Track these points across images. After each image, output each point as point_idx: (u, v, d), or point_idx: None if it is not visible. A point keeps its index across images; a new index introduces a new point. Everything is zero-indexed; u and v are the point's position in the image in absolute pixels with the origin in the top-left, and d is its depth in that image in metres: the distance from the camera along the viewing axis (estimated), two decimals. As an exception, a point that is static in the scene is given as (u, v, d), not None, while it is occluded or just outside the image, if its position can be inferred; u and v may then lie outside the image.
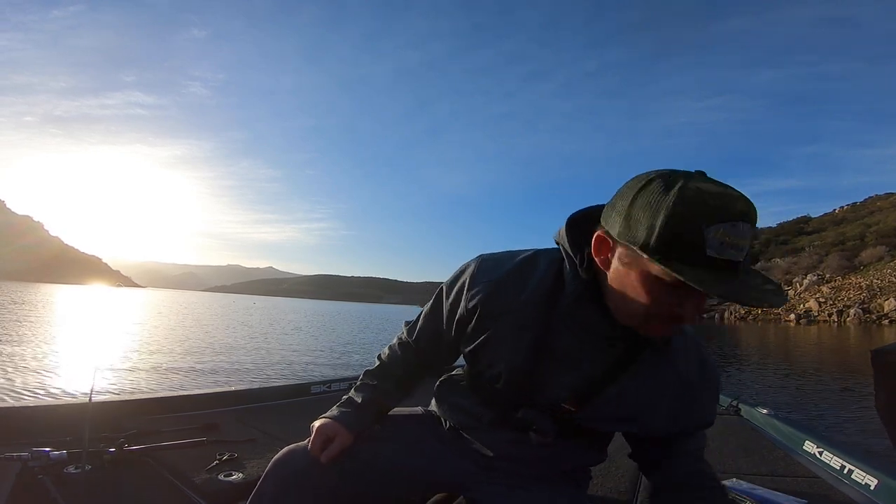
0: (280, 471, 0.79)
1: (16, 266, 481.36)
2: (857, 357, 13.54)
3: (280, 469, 0.79)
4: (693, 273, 0.56)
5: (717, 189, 0.58)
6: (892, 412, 0.86)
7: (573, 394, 0.76)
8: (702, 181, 0.59)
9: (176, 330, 14.30)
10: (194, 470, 1.23)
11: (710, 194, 0.57)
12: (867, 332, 32.56)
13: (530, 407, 0.79)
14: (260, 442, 1.48)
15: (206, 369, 7.41)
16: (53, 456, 1.13)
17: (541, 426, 0.79)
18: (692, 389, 0.78)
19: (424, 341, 0.90)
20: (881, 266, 50.99)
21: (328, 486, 0.78)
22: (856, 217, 71.44)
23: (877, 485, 1.33)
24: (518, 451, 0.83)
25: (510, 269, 0.78)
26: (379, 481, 0.83)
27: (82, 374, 6.22)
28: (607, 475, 1.42)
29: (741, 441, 1.83)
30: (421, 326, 0.90)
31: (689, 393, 0.78)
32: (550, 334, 0.75)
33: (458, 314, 0.81)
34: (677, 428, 0.80)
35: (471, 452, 0.87)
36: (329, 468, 0.78)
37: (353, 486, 0.80)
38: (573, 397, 0.76)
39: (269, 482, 0.79)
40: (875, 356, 0.87)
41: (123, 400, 1.69)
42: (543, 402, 0.78)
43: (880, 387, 0.87)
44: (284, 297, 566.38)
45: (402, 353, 0.93)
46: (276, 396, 2.06)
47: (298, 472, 0.78)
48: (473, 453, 0.87)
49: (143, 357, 8.23)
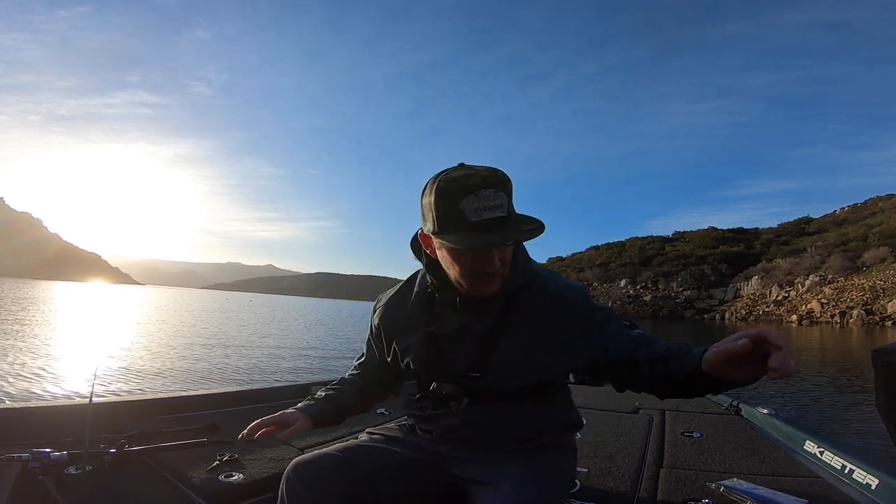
0: (295, 486, 0.83)
1: (15, 263, 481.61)
2: (858, 358, 13.51)
3: (295, 484, 0.83)
4: (462, 237, 0.80)
5: (460, 172, 0.81)
6: (892, 412, 0.86)
7: (471, 363, 0.93)
8: (452, 170, 0.83)
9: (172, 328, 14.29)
10: (195, 470, 1.23)
11: (453, 178, 0.80)
12: (870, 333, 32.46)
13: (442, 382, 0.94)
14: (260, 443, 1.47)
15: (206, 369, 7.42)
16: (54, 457, 1.13)
17: (451, 394, 0.93)
18: (573, 315, 0.91)
19: (368, 365, 1.13)
20: (884, 267, 50.83)
21: (344, 485, 0.85)
22: (857, 218, 71.28)
23: (878, 484, 1.32)
24: (458, 424, 0.96)
25: (397, 290, 1.06)
26: (380, 484, 0.90)
27: (82, 375, 6.22)
28: (607, 475, 1.42)
29: (741, 441, 1.82)
30: (365, 355, 1.14)
31: (569, 316, 0.91)
32: (435, 323, 0.95)
33: (376, 337, 1.08)
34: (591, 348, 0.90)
35: (433, 439, 0.99)
36: (341, 471, 0.86)
37: (361, 485, 0.87)
38: (472, 366, 0.92)
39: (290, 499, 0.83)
40: (875, 356, 0.87)
41: (124, 401, 1.69)
42: (454, 378, 0.94)
43: (880, 387, 0.87)
44: (284, 295, 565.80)
45: (357, 373, 1.14)
46: (276, 397, 2.06)
47: (314, 481, 0.84)
48: (433, 438, 0.99)
49: (143, 357, 8.23)
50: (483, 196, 0.78)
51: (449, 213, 0.80)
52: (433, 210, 0.82)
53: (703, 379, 0.75)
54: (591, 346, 0.90)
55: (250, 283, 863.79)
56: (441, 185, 0.81)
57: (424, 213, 0.85)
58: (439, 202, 0.80)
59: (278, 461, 1.34)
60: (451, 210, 0.79)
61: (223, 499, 1.14)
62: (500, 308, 0.92)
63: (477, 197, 0.78)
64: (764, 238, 77.65)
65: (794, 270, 59.31)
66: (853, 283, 51.77)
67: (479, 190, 0.78)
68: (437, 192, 0.81)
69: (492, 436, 0.96)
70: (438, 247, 0.87)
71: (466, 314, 0.92)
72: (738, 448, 1.73)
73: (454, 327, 0.94)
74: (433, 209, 0.81)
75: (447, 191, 0.80)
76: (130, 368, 7.05)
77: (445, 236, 0.81)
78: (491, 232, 0.79)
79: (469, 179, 0.79)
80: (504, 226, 0.80)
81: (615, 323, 0.92)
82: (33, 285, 68.76)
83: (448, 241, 0.80)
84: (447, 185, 0.80)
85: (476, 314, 0.92)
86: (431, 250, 0.90)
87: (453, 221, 0.80)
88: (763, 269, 62.88)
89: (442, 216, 0.81)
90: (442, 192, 0.80)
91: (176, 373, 7.01)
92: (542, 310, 0.92)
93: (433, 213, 0.82)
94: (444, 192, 0.80)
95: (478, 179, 0.79)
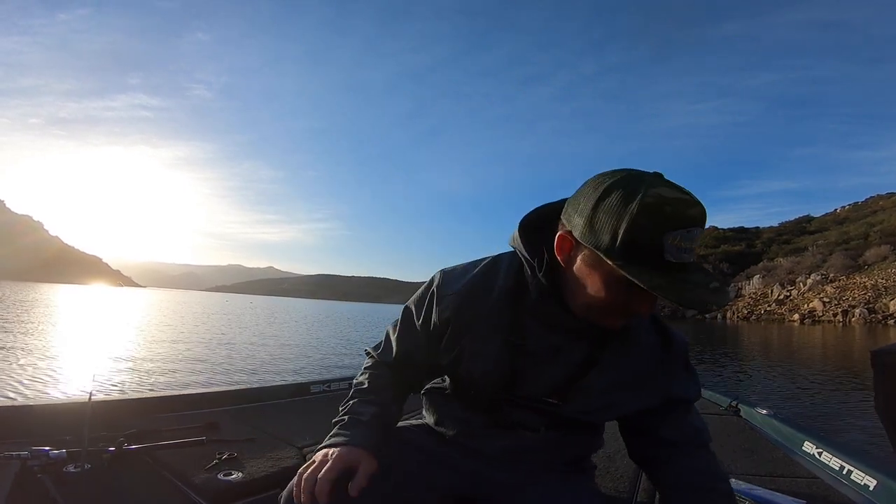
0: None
1: (15, 266, 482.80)
2: (859, 357, 13.50)
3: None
4: (650, 277, 0.61)
5: (675, 195, 0.62)
6: (891, 412, 0.86)
7: (553, 388, 0.80)
8: (661, 186, 0.62)
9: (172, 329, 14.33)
10: (194, 469, 1.23)
11: (668, 202, 0.61)
12: (872, 332, 32.42)
13: (513, 405, 0.82)
14: (259, 441, 1.48)
15: (206, 369, 7.43)
16: (53, 455, 1.13)
17: (528, 422, 0.83)
18: (661, 364, 0.83)
19: (400, 362, 0.90)
20: (886, 266, 50.73)
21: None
22: (858, 217, 71.13)
23: (876, 485, 1.32)
24: (515, 447, 0.86)
25: (474, 278, 0.82)
26: (396, 498, 0.82)
27: (81, 373, 6.23)
28: (607, 475, 1.42)
29: (741, 441, 1.82)
30: (396, 349, 0.90)
31: (659, 368, 0.83)
32: (520, 334, 0.78)
33: (430, 330, 0.83)
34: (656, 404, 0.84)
35: (473, 454, 0.88)
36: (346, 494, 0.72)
37: None
38: (553, 391, 0.80)
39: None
40: (875, 356, 0.87)
41: (123, 399, 1.69)
42: (525, 399, 0.81)
43: (880, 387, 0.87)
44: (285, 296, 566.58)
45: (385, 372, 0.91)
46: (275, 396, 2.06)
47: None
48: (476, 455, 0.88)
49: (142, 356, 8.24)
50: (692, 236, 0.62)
51: (647, 242, 0.61)
52: (623, 229, 0.61)
53: None
54: (658, 401, 0.84)
55: (251, 284, 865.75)
56: (650, 204, 0.60)
57: (597, 219, 0.64)
58: (640, 224, 0.60)
59: (278, 460, 1.34)
60: (651, 239, 0.61)
61: (222, 497, 1.14)
62: (597, 337, 0.77)
63: (687, 235, 0.61)
64: (765, 237, 77.57)
65: (796, 269, 59.22)
66: (855, 281, 51.68)
67: (693, 227, 0.61)
68: (641, 210, 0.60)
69: (541, 460, 0.89)
70: (591, 264, 0.67)
71: (562, 335, 0.77)
72: (736, 448, 1.73)
73: (544, 346, 0.78)
74: (624, 228, 0.61)
75: (658, 215, 0.60)
76: (129, 368, 7.06)
77: (631, 268, 0.61)
78: (684, 278, 0.63)
79: (687, 210, 0.61)
80: (700, 275, 0.65)
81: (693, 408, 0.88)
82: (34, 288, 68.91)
83: (633, 276, 0.61)
84: (659, 207, 0.60)
85: (573, 338, 0.77)
86: (567, 257, 0.70)
87: (646, 253, 0.61)
88: (764, 269, 62.79)
89: (632, 241, 0.61)
90: (650, 213, 0.60)
91: (174, 372, 7.02)
92: (639, 351, 0.81)
93: (620, 231, 0.61)
94: (652, 214, 0.60)
95: (696, 213, 0.62)
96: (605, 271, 0.66)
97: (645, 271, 0.61)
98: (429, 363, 0.88)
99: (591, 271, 0.68)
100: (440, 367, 0.88)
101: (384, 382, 0.90)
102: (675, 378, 0.85)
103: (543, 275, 0.73)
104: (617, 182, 0.64)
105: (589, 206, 0.65)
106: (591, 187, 0.66)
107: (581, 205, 0.67)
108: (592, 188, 0.66)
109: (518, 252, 0.78)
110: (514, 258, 0.81)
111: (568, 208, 0.70)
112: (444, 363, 0.85)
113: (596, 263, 0.66)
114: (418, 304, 0.86)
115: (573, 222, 0.68)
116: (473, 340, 0.80)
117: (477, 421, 0.85)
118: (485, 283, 0.81)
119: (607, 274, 0.65)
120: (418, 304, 0.86)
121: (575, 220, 0.67)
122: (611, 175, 0.66)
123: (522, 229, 0.77)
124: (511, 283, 0.79)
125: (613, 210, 0.62)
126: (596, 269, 0.67)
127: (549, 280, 0.73)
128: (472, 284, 0.81)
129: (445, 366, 0.86)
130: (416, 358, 0.88)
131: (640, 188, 0.62)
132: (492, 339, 0.79)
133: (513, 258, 0.81)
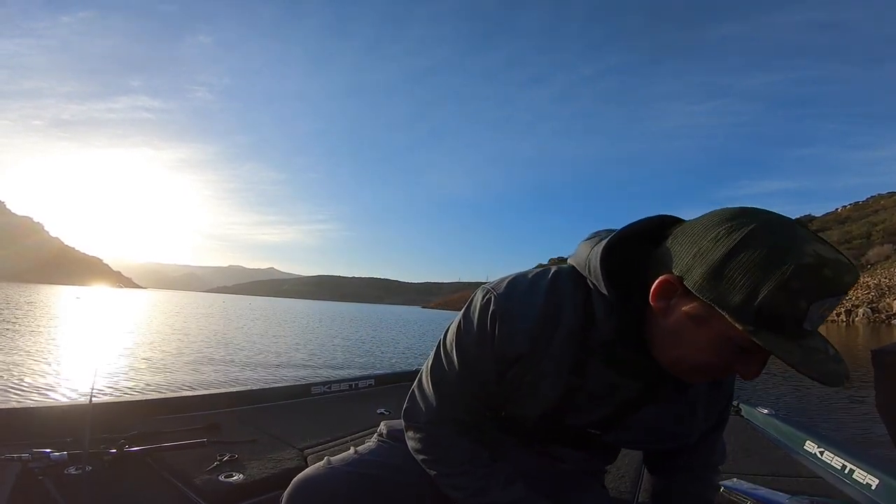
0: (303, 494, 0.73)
1: (15, 267, 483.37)
2: (859, 357, 13.47)
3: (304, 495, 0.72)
4: (789, 349, 0.51)
5: (833, 256, 0.50)
6: (892, 411, 0.86)
7: (601, 421, 0.75)
8: (816, 243, 0.51)
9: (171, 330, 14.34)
10: (195, 471, 1.23)
11: (827, 264, 0.49)
12: (876, 331, 32.33)
13: (557, 437, 0.79)
14: (260, 443, 1.48)
15: (207, 370, 7.43)
16: (54, 457, 1.13)
17: (569, 458, 0.82)
18: (712, 392, 0.79)
19: (470, 411, 0.76)
20: (889, 265, 50.65)
21: None
22: (859, 216, 71.04)
23: (878, 485, 1.32)
24: (545, 465, 0.84)
25: (543, 310, 0.69)
26: None
27: (83, 375, 6.24)
28: (608, 475, 1.41)
29: (741, 441, 1.82)
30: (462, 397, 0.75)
31: (710, 397, 0.80)
32: (581, 373, 0.69)
33: (501, 368, 0.71)
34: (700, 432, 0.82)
35: None
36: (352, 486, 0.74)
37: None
38: (600, 424, 0.75)
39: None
40: (875, 356, 0.87)
41: (124, 401, 1.69)
42: (571, 431, 0.77)
43: (881, 386, 0.87)
44: (286, 297, 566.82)
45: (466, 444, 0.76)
46: (276, 397, 2.06)
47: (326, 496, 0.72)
48: None
49: (143, 357, 8.25)
50: (838, 303, 0.52)
51: (791, 308, 0.50)
52: (768, 291, 0.50)
53: None
54: (703, 429, 0.81)
55: (252, 286, 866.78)
56: (809, 266, 0.49)
57: (728, 274, 0.52)
58: (791, 288, 0.49)
59: (279, 461, 1.34)
60: (797, 307, 0.50)
61: (224, 499, 1.14)
62: (656, 373, 0.68)
63: (835, 302, 0.52)
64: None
65: (797, 269, 59.18)
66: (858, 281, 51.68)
67: (841, 295, 0.51)
68: (797, 273, 0.49)
69: (567, 473, 0.86)
70: (700, 319, 0.56)
71: (624, 376, 0.70)
72: (738, 448, 1.73)
73: (603, 384, 0.71)
74: (769, 290, 0.50)
75: (814, 280, 0.49)
76: (130, 368, 7.06)
77: (765, 335, 0.51)
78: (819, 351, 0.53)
79: (845, 275, 0.50)
80: (820, 340, 0.54)
81: (721, 429, 0.86)
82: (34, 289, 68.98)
83: (767, 345, 0.51)
84: (817, 271, 0.49)
85: (633, 377, 0.70)
86: (668, 304, 0.58)
87: (784, 319, 0.51)
88: (765, 268, 62.78)
89: (774, 306, 0.50)
90: (806, 277, 0.49)
91: (175, 373, 7.02)
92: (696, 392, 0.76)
93: (762, 293, 0.50)
94: (808, 278, 0.49)
95: (853, 280, 0.51)
96: (717, 331, 0.55)
97: (781, 341, 0.51)
98: (487, 400, 0.75)
99: (696, 327, 0.56)
100: None
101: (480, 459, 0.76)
102: (723, 407, 0.83)
103: (627, 312, 0.63)
104: (759, 231, 0.52)
105: (718, 255, 0.53)
106: (721, 229, 0.54)
107: (705, 250, 0.54)
108: (725, 232, 0.53)
109: (591, 284, 0.66)
110: (577, 284, 0.69)
111: (679, 248, 0.58)
112: (494, 389, 0.74)
113: (706, 319, 0.55)
114: (479, 339, 0.70)
115: (689, 270, 0.55)
116: (535, 377, 0.71)
117: (510, 442, 0.82)
118: (552, 314, 0.69)
119: (719, 334, 0.55)
120: (479, 340, 0.70)
121: (690, 266, 0.55)
122: (747, 217, 0.54)
123: (605, 256, 0.63)
124: (579, 313, 0.68)
125: (755, 266, 0.50)
126: (703, 326, 0.56)
127: (630, 319, 0.63)
128: (543, 318, 0.68)
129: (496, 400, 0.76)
130: (484, 399, 0.75)
131: (792, 245, 0.50)
132: (553, 380, 0.70)
133: (576, 283, 0.69)
